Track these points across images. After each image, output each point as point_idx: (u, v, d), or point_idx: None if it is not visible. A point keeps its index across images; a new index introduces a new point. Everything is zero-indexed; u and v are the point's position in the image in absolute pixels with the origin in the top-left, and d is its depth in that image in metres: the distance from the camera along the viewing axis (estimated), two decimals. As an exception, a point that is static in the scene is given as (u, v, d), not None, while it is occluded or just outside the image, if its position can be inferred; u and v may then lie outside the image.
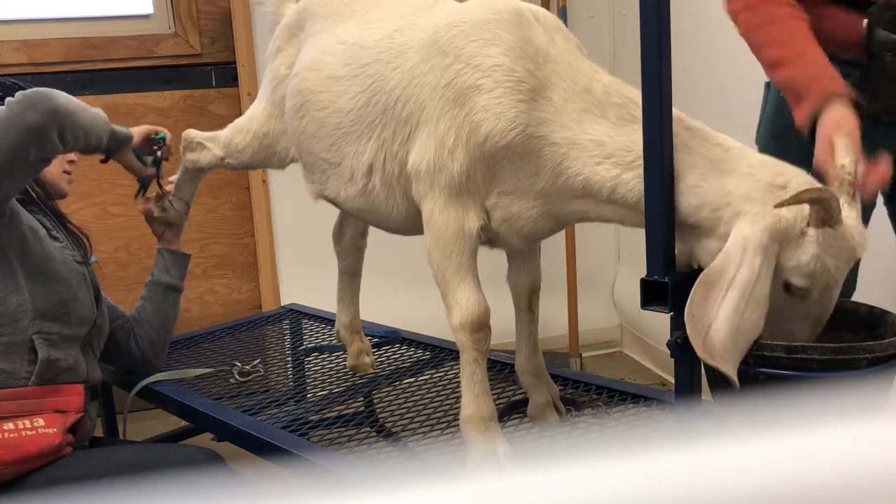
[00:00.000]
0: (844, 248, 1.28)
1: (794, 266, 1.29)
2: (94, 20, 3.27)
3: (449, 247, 1.53)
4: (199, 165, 2.19)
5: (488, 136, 1.46)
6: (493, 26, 1.50)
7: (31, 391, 1.74)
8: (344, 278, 2.29)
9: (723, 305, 1.27)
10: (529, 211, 1.52)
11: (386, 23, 1.71)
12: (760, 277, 1.27)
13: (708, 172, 1.35)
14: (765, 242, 1.27)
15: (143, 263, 3.27)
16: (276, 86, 1.97)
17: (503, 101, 1.45)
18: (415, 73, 1.57)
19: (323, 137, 1.77)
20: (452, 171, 1.49)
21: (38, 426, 1.69)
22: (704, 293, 1.29)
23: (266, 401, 2.11)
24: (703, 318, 1.28)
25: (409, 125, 1.58)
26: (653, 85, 1.33)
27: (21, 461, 1.66)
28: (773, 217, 1.28)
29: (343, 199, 1.79)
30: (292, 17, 1.98)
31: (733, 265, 1.27)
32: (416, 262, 3.18)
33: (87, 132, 1.85)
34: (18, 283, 1.79)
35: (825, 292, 1.31)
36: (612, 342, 3.94)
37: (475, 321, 1.53)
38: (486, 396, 1.57)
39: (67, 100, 1.79)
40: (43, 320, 1.79)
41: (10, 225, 1.81)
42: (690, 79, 2.77)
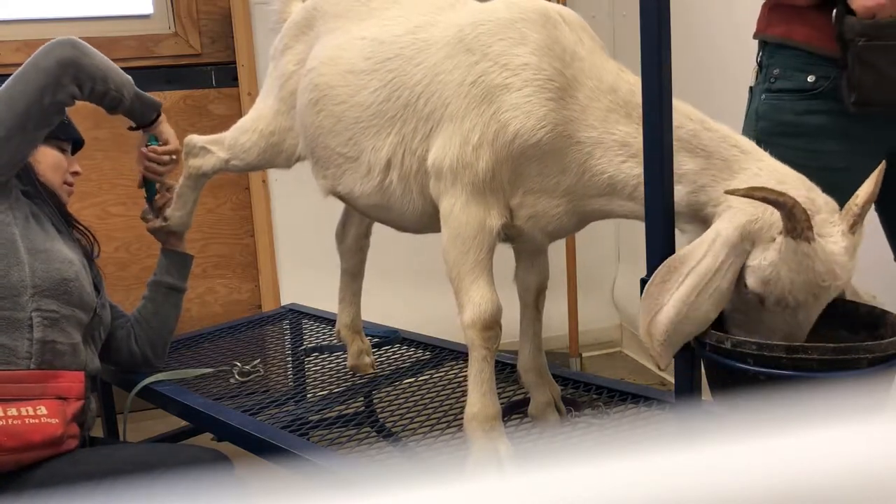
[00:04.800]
0: (807, 269, 1.24)
1: (752, 267, 1.29)
2: (94, 20, 3.27)
3: (467, 244, 1.53)
4: (202, 170, 2.17)
5: (517, 135, 1.46)
6: (521, 25, 1.50)
7: (32, 375, 1.74)
8: (346, 278, 2.29)
9: (678, 291, 1.29)
10: (555, 209, 1.53)
11: (406, 20, 1.71)
12: (721, 271, 1.29)
13: (720, 173, 1.36)
14: (734, 239, 1.29)
15: (143, 263, 3.27)
16: (283, 82, 1.96)
17: (532, 99, 1.45)
18: (439, 70, 1.57)
19: (340, 132, 1.76)
20: (477, 169, 1.50)
21: (40, 414, 1.69)
22: (665, 276, 1.32)
23: (266, 401, 2.11)
24: (657, 300, 1.31)
25: (431, 121, 1.58)
26: (653, 85, 1.33)
27: (22, 449, 1.65)
28: (749, 216, 1.29)
29: (358, 194, 1.78)
30: (301, 14, 1.97)
31: (698, 255, 1.30)
32: (415, 263, 3.20)
33: (105, 78, 1.90)
34: (20, 258, 1.80)
35: (785, 308, 1.29)
36: (612, 342, 3.94)
37: (487, 319, 1.53)
38: (493, 395, 1.58)
39: (86, 45, 1.87)
40: (42, 297, 1.79)
41: (16, 205, 1.83)
42: (690, 79, 2.77)
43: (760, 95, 1.80)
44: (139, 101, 2.04)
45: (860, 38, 1.62)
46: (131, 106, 2.02)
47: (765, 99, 1.79)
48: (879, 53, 1.63)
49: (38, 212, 1.90)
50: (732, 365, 1.29)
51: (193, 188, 2.24)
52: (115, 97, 1.96)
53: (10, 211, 1.83)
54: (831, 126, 1.71)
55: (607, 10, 3.70)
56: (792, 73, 1.75)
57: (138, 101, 2.04)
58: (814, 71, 1.72)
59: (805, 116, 1.74)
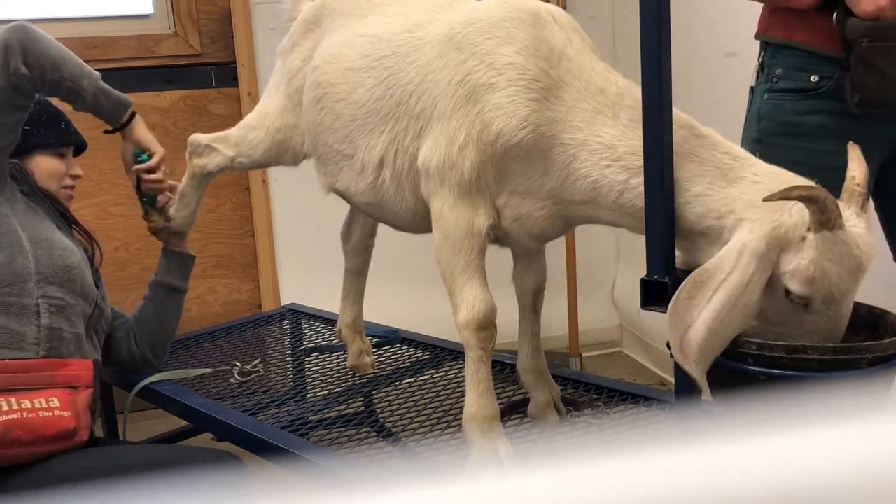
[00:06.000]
0: (846, 255, 1.24)
1: (792, 271, 1.26)
2: (94, 20, 3.27)
3: (457, 245, 1.53)
4: (207, 169, 2.15)
5: (500, 135, 1.46)
6: (509, 24, 1.50)
7: (41, 363, 1.75)
8: (350, 277, 2.29)
9: (707, 307, 1.26)
10: (539, 211, 1.52)
11: (406, 17, 1.71)
12: (751, 284, 1.25)
13: (715, 181, 1.34)
14: (762, 249, 1.26)
15: (143, 263, 3.27)
16: (290, 79, 1.97)
17: (516, 99, 1.45)
18: (430, 69, 1.57)
19: (338, 129, 1.77)
20: (463, 169, 1.49)
21: (53, 406, 1.70)
22: (691, 292, 1.28)
23: (266, 401, 2.11)
24: (686, 317, 1.27)
25: (422, 120, 1.58)
26: (653, 85, 1.33)
27: (37, 442, 1.66)
28: (772, 224, 1.26)
29: (353, 192, 1.78)
30: (310, 12, 1.98)
31: (726, 268, 1.26)
32: (415, 263, 3.20)
33: (55, 66, 1.84)
34: (23, 247, 1.81)
35: (831, 304, 1.27)
36: (612, 342, 3.94)
37: (481, 319, 1.53)
38: (490, 395, 1.57)
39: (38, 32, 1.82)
40: (47, 284, 1.81)
41: (13, 199, 1.83)
42: (691, 79, 2.77)
43: (762, 95, 1.79)
44: (105, 96, 1.96)
45: (863, 39, 1.61)
46: (95, 101, 1.95)
47: (767, 99, 1.78)
48: (883, 55, 1.62)
49: (35, 207, 1.92)
50: (732, 365, 1.29)
51: (197, 188, 2.22)
52: (72, 88, 1.89)
53: (8, 203, 1.84)
54: (833, 126, 1.71)
55: (607, 10, 3.70)
56: (794, 74, 1.74)
57: (104, 97, 1.96)
58: (816, 71, 1.72)
59: (807, 116, 1.73)
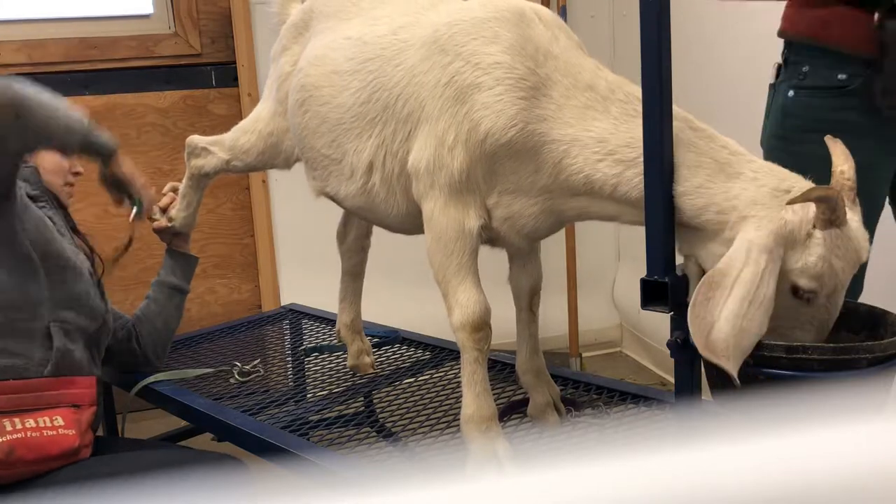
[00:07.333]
0: (850, 250, 1.28)
1: (801, 268, 1.28)
2: (94, 20, 3.27)
3: (449, 246, 1.53)
4: (204, 171, 2.18)
5: (488, 134, 1.45)
6: (494, 24, 1.50)
7: (47, 382, 1.75)
8: (347, 278, 2.29)
9: (726, 305, 1.26)
10: (531, 209, 1.52)
11: (391, 19, 1.70)
12: (765, 278, 1.26)
13: (714, 174, 1.35)
14: (770, 246, 1.27)
15: (143, 263, 3.27)
16: (280, 83, 1.97)
17: (503, 98, 1.44)
18: (416, 71, 1.56)
19: (324, 133, 1.77)
20: (452, 170, 1.49)
21: (57, 425, 1.71)
22: (708, 293, 1.28)
23: (266, 401, 2.11)
24: (707, 318, 1.27)
25: (410, 123, 1.57)
26: (653, 85, 1.33)
27: (42, 461, 1.68)
28: (778, 221, 1.28)
29: (343, 196, 1.78)
30: (298, 16, 1.98)
31: (738, 265, 1.27)
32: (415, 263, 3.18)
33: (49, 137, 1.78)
34: (37, 272, 1.80)
35: (831, 296, 1.31)
36: (612, 342, 3.94)
37: (476, 321, 1.53)
38: (487, 396, 1.57)
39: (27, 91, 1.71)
40: (60, 308, 1.82)
41: (24, 214, 1.82)
42: (690, 79, 2.77)
43: (787, 92, 1.78)
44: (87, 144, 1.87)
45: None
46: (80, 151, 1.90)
47: (793, 95, 1.77)
48: None
49: (46, 214, 1.90)
50: (732, 365, 1.29)
51: (196, 188, 2.25)
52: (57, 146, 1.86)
53: (20, 223, 1.81)
54: (862, 123, 1.70)
55: (607, 10, 3.70)
56: (822, 71, 1.73)
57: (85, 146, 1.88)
58: (845, 69, 1.71)
59: (837, 113, 1.72)
